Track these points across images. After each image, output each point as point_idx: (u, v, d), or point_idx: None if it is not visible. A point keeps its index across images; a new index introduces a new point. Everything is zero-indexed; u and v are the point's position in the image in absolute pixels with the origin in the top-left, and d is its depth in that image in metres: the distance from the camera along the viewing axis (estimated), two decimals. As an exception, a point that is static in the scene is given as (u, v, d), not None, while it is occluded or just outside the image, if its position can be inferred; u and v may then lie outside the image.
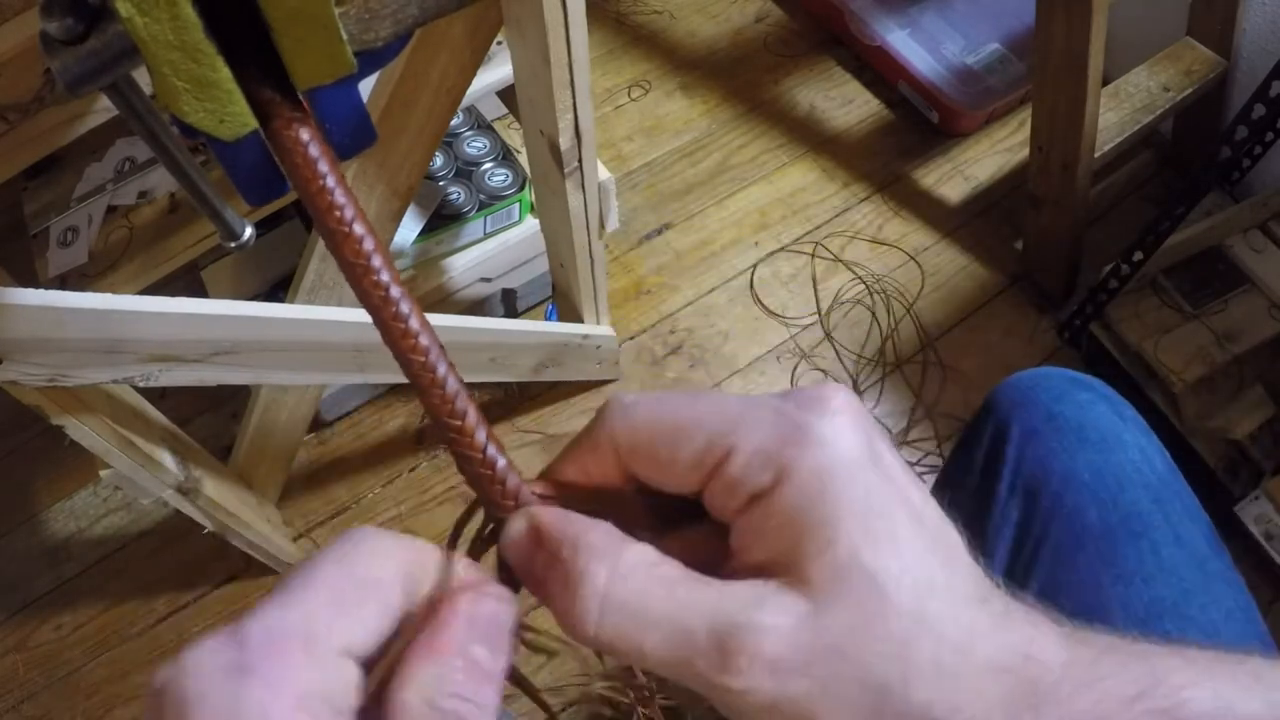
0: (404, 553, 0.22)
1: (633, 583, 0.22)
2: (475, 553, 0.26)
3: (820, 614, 0.21)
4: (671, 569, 0.22)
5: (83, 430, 0.66)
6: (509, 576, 0.25)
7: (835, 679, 0.21)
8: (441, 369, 0.25)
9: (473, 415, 0.25)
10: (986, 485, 0.55)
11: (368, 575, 0.21)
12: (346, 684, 0.19)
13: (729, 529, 0.23)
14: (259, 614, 0.19)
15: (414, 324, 0.25)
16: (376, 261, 0.25)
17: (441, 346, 0.25)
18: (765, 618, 0.21)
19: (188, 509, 0.83)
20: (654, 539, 0.24)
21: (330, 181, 0.25)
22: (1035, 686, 0.21)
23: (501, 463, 0.25)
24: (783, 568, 0.22)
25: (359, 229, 0.25)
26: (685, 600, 0.22)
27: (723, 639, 0.21)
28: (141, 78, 0.30)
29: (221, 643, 0.18)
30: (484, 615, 0.22)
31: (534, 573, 0.24)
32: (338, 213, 0.25)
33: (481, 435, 0.25)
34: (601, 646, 0.22)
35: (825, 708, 0.21)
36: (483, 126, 1.19)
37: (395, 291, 0.25)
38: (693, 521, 0.25)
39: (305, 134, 0.26)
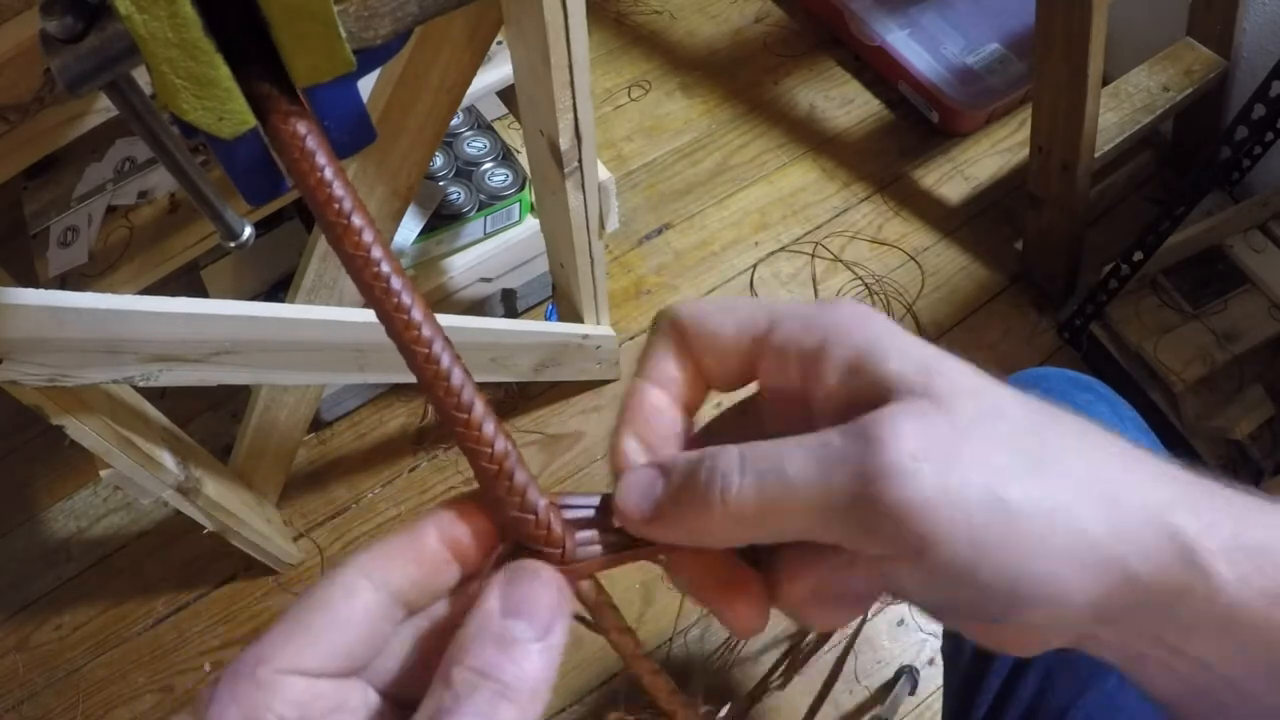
0: (372, 562, 0.24)
1: (764, 447, 0.23)
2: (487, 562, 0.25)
3: (938, 410, 0.22)
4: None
5: (83, 430, 0.66)
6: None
7: (958, 472, 0.22)
8: (446, 360, 0.24)
9: (480, 408, 0.24)
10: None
11: (320, 598, 0.23)
12: (296, 698, 0.22)
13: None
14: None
15: (417, 315, 0.24)
16: (377, 253, 0.24)
17: (447, 338, 0.24)
18: (896, 416, 0.22)
19: (188, 509, 0.83)
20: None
21: (329, 174, 0.25)
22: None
23: (511, 458, 0.24)
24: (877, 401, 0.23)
25: (358, 220, 0.24)
26: (813, 438, 0.23)
27: (864, 431, 0.22)
28: (141, 77, 0.30)
29: (209, 683, 0.23)
30: (519, 593, 0.23)
31: (660, 508, 0.24)
32: (337, 205, 0.24)
33: (490, 428, 0.24)
34: (744, 512, 0.23)
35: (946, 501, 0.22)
36: (483, 126, 1.19)
37: (397, 282, 0.24)
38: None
39: (303, 127, 0.26)
